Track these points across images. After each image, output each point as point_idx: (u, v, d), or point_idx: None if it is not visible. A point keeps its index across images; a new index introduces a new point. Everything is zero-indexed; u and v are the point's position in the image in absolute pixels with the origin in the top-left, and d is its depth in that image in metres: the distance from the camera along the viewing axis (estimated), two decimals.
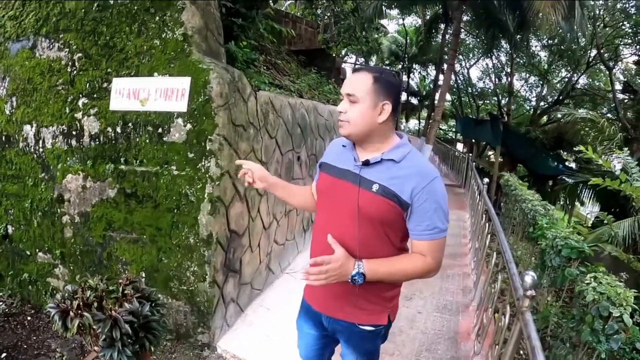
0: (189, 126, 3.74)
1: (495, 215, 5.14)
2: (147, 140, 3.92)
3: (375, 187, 1.91)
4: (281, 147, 5.07)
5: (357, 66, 2.43)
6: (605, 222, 7.33)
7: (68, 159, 4.24)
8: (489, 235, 5.27)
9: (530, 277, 2.38)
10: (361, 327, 2.11)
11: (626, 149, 7.66)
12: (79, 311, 2.91)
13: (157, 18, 3.91)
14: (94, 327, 2.86)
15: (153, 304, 3.14)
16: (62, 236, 4.37)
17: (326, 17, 17.06)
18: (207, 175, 3.72)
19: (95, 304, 3.00)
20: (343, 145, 2.13)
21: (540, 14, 11.26)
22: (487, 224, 5.60)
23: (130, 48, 3.98)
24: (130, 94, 3.97)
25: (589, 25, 15.47)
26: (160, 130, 3.86)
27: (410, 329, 4.48)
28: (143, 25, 3.96)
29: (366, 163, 1.96)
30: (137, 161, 3.98)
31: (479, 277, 5.46)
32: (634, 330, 3.61)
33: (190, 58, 3.77)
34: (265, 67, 6.38)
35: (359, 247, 1.95)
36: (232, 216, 4.06)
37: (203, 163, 3.72)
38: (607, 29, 18.78)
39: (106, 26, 4.07)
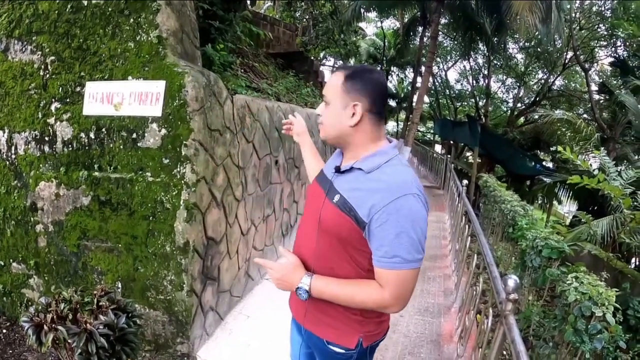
0: (163, 131, 3.65)
1: (475, 217, 5.14)
2: (121, 146, 3.82)
3: (336, 198, 1.73)
4: (258, 151, 4.99)
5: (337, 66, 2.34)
6: (584, 221, 7.39)
7: (41, 165, 4.10)
8: (469, 237, 5.26)
9: (512, 280, 2.35)
10: (330, 346, 1.88)
11: (602, 148, 7.74)
12: (53, 325, 2.81)
13: (132, 20, 3.81)
14: (69, 340, 2.76)
15: (129, 315, 3.06)
16: (36, 246, 4.23)
17: (305, 19, 17.08)
18: (182, 182, 3.63)
19: (70, 317, 2.90)
20: (338, 150, 1.97)
21: (518, 17, 11.34)
22: (467, 226, 5.59)
23: (104, 51, 3.88)
24: (104, 98, 3.86)
25: (565, 28, 15.67)
26: (134, 135, 3.76)
27: (393, 333, 4.44)
28: (117, 28, 3.86)
29: (337, 170, 1.81)
30: (111, 168, 3.87)
31: (460, 279, 5.46)
32: (616, 329, 3.61)
33: (165, 61, 3.69)
34: (243, 70, 6.31)
35: (315, 260, 1.82)
36: (209, 223, 3.97)
37: (178, 169, 3.63)
38: (582, 31, 19.17)
39: (80, 28, 3.95)
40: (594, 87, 19.81)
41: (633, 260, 9.18)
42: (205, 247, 3.95)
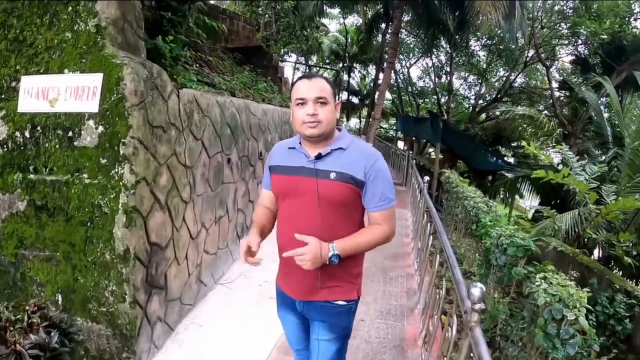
0: (100, 129, 3.34)
1: (437, 215, 4.94)
2: (57, 146, 3.50)
3: (332, 175, 2.14)
4: (208, 149, 4.69)
5: (308, 73, 2.77)
6: (547, 215, 7.32)
7: None
8: (431, 235, 5.08)
9: (478, 289, 2.15)
10: (335, 302, 2.29)
11: (563, 144, 7.72)
12: None
13: (70, 8, 3.51)
14: None
15: (65, 332, 2.81)
16: None
17: (267, 15, 16.87)
18: (120, 184, 3.32)
19: None
20: (289, 148, 2.32)
21: (481, 14, 11.31)
22: (429, 223, 5.42)
23: (41, 42, 3.57)
24: (39, 93, 3.55)
25: (528, 26, 15.83)
26: (70, 133, 3.45)
27: (353, 339, 4.21)
28: (55, 17, 3.55)
29: (318, 157, 2.18)
30: (47, 169, 3.54)
31: (422, 278, 5.26)
32: (590, 333, 3.47)
33: (103, 52, 3.39)
34: (198, 65, 6.04)
35: (322, 231, 2.14)
36: (152, 227, 3.66)
37: (116, 170, 3.32)
38: (544, 29, 19.42)
39: (17, 18, 3.65)
40: (554, 84, 20.20)
41: (595, 252, 9.24)
42: (149, 254, 3.64)
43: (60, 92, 3.49)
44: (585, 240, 7.15)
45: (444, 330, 3.48)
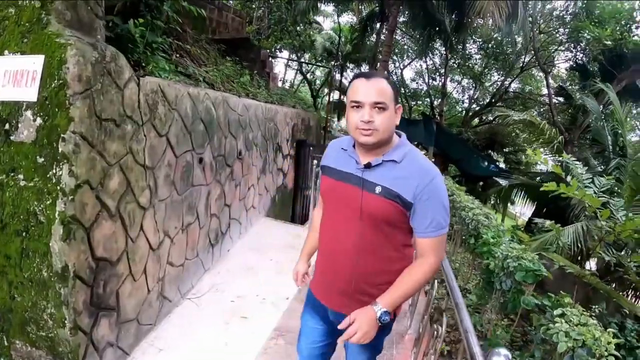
0: (39, 121, 2.77)
1: None
2: None
3: (378, 189, 1.96)
4: (175, 147, 4.08)
5: (368, 71, 2.63)
6: (548, 228, 6.85)
7: None
8: None
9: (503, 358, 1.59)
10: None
11: (568, 154, 7.31)
12: None
13: None
14: None
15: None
16: None
17: (261, 9, 16.38)
18: (57, 188, 2.75)
19: None
20: (343, 149, 2.16)
21: (482, 14, 10.96)
22: None
23: None
24: None
25: (529, 30, 15.62)
26: (7, 126, 2.89)
27: None
28: None
29: (368, 166, 2.00)
30: None
31: (415, 298, 4.69)
32: None
33: (47, 30, 2.83)
34: (178, 55, 5.48)
35: (357, 248, 2.03)
36: (99, 240, 3.08)
37: (54, 171, 2.75)
38: (542, 35, 19.15)
39: None
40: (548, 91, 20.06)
41: (587, 264, 8.93)
42: (94, 271, 3.07)
43: None
44: (582, 253, 6.81)
45: None
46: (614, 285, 6.93)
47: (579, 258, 7.06)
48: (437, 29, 16.36)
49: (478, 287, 5.21)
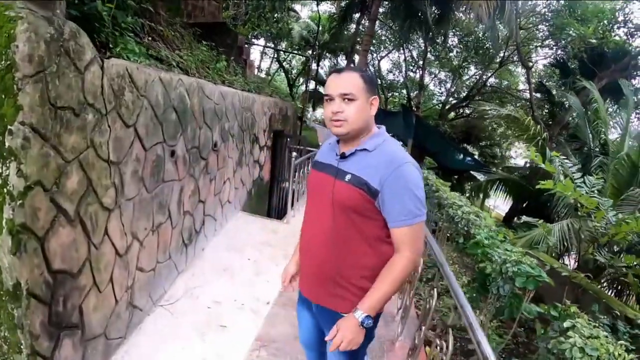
0: None
1: (434, 243, 4.11)
2: None
3: (347, 177, 2.01)
4: (144, 139, 3.59)
5: (342, 67, 2.58)
6: (532, 224, 6.69)
7: None
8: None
9: None
10: (344, 315, 2.08)
11: (561, 153, 7.30)
12: None
13: None
14: None
15: None
16: None
17: None
18: (4, 191, 2.28)
19: None
20: (329, 144, 2.24)
21: (471, 9, 10.96)
22: None
23: None
24: None
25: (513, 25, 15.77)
26: None
27: None
28: None
29: (343, 156, 2.07)
30: None
31: (404, 301, 4.35)
32: None
33: None
34: (150, 38, 5.03)
35: (331, 238, 2.07)
36: (55, 250, 2.62)
37: (1, 170, 2.30)
38: (522, 30, 19.23)
39: None
40: (525, 86, 20.59)
41: (567, 260, 8.99)
42: (51, 287, 2.60)
43: None
44: (562, 252, 6.77)
45: None
46: (601, 286, 6.88)
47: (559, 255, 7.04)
48: (418, 19, 16.32)
49: (467, 287, 4.90)
